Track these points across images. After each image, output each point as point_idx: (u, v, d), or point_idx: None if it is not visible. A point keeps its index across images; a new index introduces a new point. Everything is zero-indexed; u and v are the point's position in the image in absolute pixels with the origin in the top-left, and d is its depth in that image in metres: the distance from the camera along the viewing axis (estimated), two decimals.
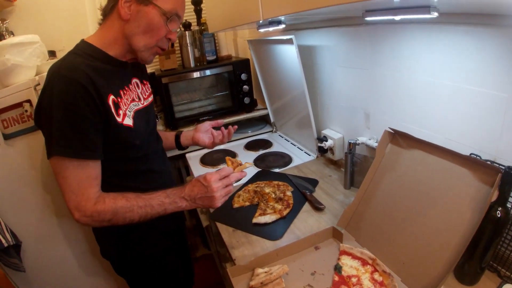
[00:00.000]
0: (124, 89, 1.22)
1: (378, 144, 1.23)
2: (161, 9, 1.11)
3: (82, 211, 1.06)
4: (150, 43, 1.16)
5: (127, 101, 1.21)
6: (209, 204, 1.16)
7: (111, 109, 1.10)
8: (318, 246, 1.21)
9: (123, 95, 1.19)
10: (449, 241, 0.94)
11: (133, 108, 1.23)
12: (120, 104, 1.15)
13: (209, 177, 1.14)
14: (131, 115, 1.20)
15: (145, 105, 1.32)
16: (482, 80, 1.00)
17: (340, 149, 1.75)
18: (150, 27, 1.13)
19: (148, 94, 1.39)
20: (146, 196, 1.13)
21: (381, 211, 1.16)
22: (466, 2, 0.75)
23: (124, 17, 1.11)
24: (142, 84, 1.37)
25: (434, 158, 1.06)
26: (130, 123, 1.18)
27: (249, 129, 2.57)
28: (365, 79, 1.49)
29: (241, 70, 2.35)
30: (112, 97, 1.12)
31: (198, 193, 1.14)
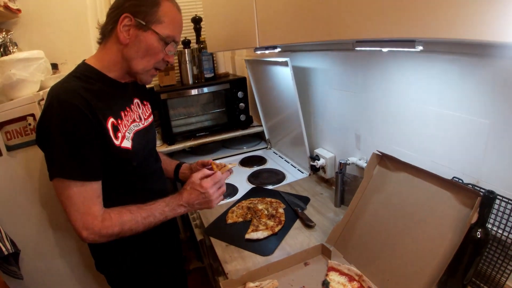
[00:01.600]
0: (125, 110, 1.26)
1: (366, 166, 1.29)
2: (159, 35, 1.15)
3: (90, 229, 1.08)
4: (148, 66, 1.20)
5: (128, 122, 1.24)
6: (207, 206, 1.27)
7: (109, 133, 1.13)
8: (307, 262, 1.25)
9: (124, 116, 1.23)
10: (431, 259, 0.98)
11: (133, 129, 1.26)
12: (119, 127, 1.18)
13: (205, 184, 1.23)
14: (130, 136, 1.23)
15: (145, 126, 1.36)
16: (466, 107, 1.06)
17: (331, 168, 1.81)
18: (148, 51, 1.17)
19: (148, 115, 1.43)
20: (147, 207, 1.18)
21: (368, 229, 1.21)
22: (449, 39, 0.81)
23: (123, 41, 1.14)
24: (142, 104, 1.41)
25: (419, 181, 1.12)
26: (129, 145, 1.21)
27: (244, 145, 2.63)
28: (356, 102, 1.56)
29: (238, 88, 2.41)
30: (111, 120, 1.15)
31: (196, 199, 1.23)
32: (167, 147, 2.34)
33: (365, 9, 0.78)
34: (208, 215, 1.65)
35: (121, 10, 1.14)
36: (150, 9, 1.14)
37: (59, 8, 2.38)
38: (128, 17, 1.12)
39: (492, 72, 0.97)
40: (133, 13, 1.12)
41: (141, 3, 1.13)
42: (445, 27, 0.61)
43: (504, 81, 0.94)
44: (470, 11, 0.56)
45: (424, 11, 0.64)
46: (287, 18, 1.11)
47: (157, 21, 1.15)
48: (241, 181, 2.02)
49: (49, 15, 2.38)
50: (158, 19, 1.15)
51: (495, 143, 1.00)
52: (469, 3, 0.56)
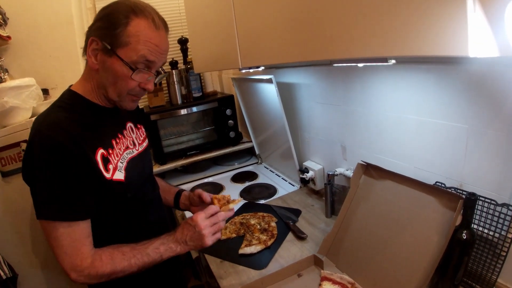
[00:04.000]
0: (117, 137, 1.17)
1: (352, 176, 1.32)
2: (123, 61, 1.01)
3: (79, 271, 1.00)
4: (121, 93, 1.08)
5: (120, 151, 1.15)
6: (200, 244, 1.12)
7: (99, 166, 1.04)
8: (300, 273, 1.28)
9: (115, 145, 1.14)
10: (420, 263, 1.02)
11: (127, 157, 1.18)
12: (110, 157, 1.09)
13: (195, 216, 1.13)
14: (123, 166, 1.14)
15: (140, 151, 1.27)
16: (444, 113, 1.11)
17: (321, 180, 1.85)
18: (117, 79, 1.05)
19: (143, 139, 1.34)
20: (141, 247, 1.08)
21: (357, 237, 1.25)
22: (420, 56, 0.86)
23: (92, 67, 1.05)
24: (136, 128, 1.32)
25: (403, 188, 1.16)
26: (121, 176, 1.12)
27: (236, 161, 2.65)
28: (340, 114, 1.60)
29: (226, 105, 2.45)
30: (101, 151, 1.06)
31: (188, 234, 1.12)
32: (159, 167, 2.36)
33: (338, 32, 0.83)
34: None
35: (90, 32, 1.04)
36: (114, 30, 1.00)
37: (48, 34, 2.41)
38: (95, 41, 1.02)
39: (465, 78, 1.02)
40: (100, 35, 1.02)
41: (107, 25, 1.01)
42: (410, 45, 0.66)
43: (477, 86, 0.99)
44: (431, 30, 0.61)
45: (390, 32, 0.69)
46: (266, 41, 1.16)
47: (122, 43, 1.00)
48: (233, 197, 2.01)
49: (38, 41, 2.40)
50: (124, 41, 1.00)
51: (474, 146, 1.05)
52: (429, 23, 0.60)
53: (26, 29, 2.36)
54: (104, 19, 1.02)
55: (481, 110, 1.00)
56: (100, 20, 1.03)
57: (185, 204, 1.49)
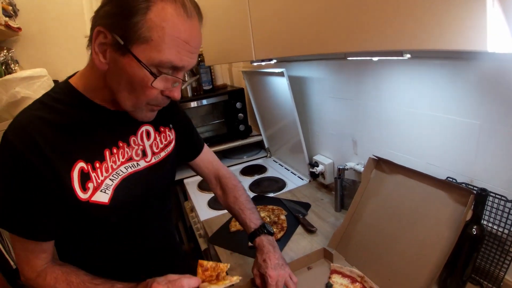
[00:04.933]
0: (116, 146, 0.93)
1: (363, 170, 1.33)
2: (142, 63, 0.75)
3: (26, 279, 0.91)
4: (138, 103, 0.84)
5: (114, 164, 0.91)
6: None
7: (72, 183, 0.83)
8: (310, 266, 1.29)
9: (108, 156, 0.90)
10: (430, 257, 1.02)
11: (123, 172, 0.93)
12: (93, 173, 0.87)
13: (154, 285, 0.82)
14: (112, 185, 0.90)
15: (151, 163, 1.01)
16: (456, 109, 1.11)
17: (330, 174, 1.85)
18: (133, 86, 0.79)
19: (163, 146, 1.06)
20: (91, 285, 0.87)
21: (368, 231, 1.25)
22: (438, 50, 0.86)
23: (100, 67, 0.79)
24: (157, 132, 1.05)
25: (414, 182, 1.16)
26: (105, 199, 0.88)
27: (245, 154, 2.67)
28: (351, 108, 1.60)
29: (236, 99, 2.46)
30: (80, 165, 0.84)
31: None
32: None
33: (353, 24, 0.83)
34: (212, 224, 1.68)
35: (96, 19, 0.78)
36: (129, 19, 0.72)
37: (59, 26, 2.44)
38: (102, 32, 0.76)
39: (479, 74, 1.02)
40: (109, 25, 0.75)
41: (118, 10, 0.74)
42: (427, 39, 0.65)
43: (491, 82, 0.99)
44: (449, 24, 0.60)
45: (408, 25, 0.69)
46: (281, 33, 1.16)
47: (141, 38, 0.73)
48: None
49: (49, 33, 2.44)
50: (143, 36, 0.73)
51: (486, 143, 1.04)
52: (448, 17, 0.60)
53: (36, 20, 2.39)
54: (115, 1, 0.75)
55: (494, 107, 1.00)
56: (110, 3, 0.76)
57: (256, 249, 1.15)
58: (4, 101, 1.74)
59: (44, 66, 2.01)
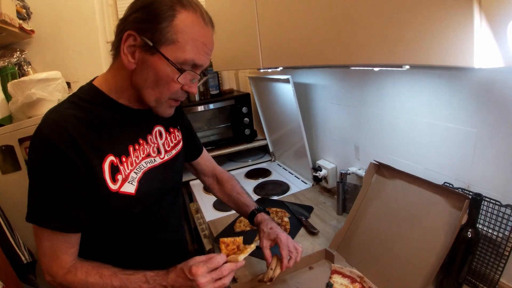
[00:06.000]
0: (137, 142, 1.02)
1: (364, 175, 1.37)
2: (170, 61, 0.87)
3: (53, 277, 0.92)
4: (162, 98, 0.94)
5: (138, 159, 1.01)
6: None
7: (104, 175, 0.92)
8: (312, 266, 1.33)
9: (132, 152, 1.00)
10: (427, 259, 1.06)
11: (145, 166, 1.03)
12: (121, 167, 0.96)
13: (195, 270, 0.89)
14: (137, 177, 1.00)
15: (165, 160, 1.11)
16: (454, 117, 1.15)
17: (333, 178, 1.89)
18: (159, 81, 0.90)
19: (173, 145, 1.17)
20: (123, 276, 0.92)
21: (368, 234, 1.30)
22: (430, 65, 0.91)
23: (128, 66, 0.90)
24: (167, 132, 1.16)
25: (413, 187, 1.20)
26: (132, 189, 0.97)
27: (249, 158, 2.70)
28: (354, 115, 1.65)
29: (242, 103, 2.50)
30: (111, 158, 0.93)
31: (182, 285, 0.91)
32: None
33: (355, 40, 0.89)
34: (217, 224, 1.72)
35: (125, 25, 0.89)
36: (158, 24, 0.85)
37: (71, 29, 2.49)
38: (132, 36, 0.87)
39: (473, 85, 1.07)
40: (138, 29, 0.86)
41: (148, 17, 0.86)
42: (420, 55, 0.71)
43: (485, 92, 1.04)
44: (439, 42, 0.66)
45: (403, 43, 0.75)
46: (287, 44, 1.21)
47: (168, 40, 0.86)
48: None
49: (61, 35, 2.48)
50: (170, 38, 0.86)
51: (482, 149, 1.09)
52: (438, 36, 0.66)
53: (49, 23, 2.44)
54: (144, 10, 0.86)
55: (489, 115, 1.04)
56: (139, 11, 0.87)
57: (258, 225, 1.25)
58: (20, 102, 1.80)
59: (56, 68, 2.06)
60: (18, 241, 1.76)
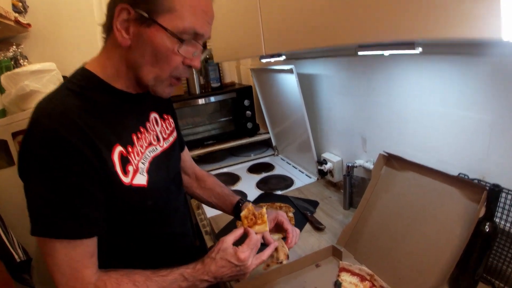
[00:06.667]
0: (139, 130, 0.95)
1: (373, 167, 1.31)
2: (168, 31, 0.79)
3: None
4: (162, 75, 0.86)
5: (142, 148, 0.94)
6: (240, 278, 0.99)
7: (116, 168, 0.83)
8: (318, 263, 1.27)
9: (136, 141, 0.92)
10: (442, 255, 1.00)
11: (150, 155, 0.96)
12: (130, 157, 0.88)
13: (243, 256, 0.89)
14: (145, 168, 0.92)
15: (165, 148, 1.04)
16: (468, 104, 1.09)
17: (339, 172, 1.83)
18: (158, 56, 0.83)
19: (169, 132, 1.10)
20: (158, 279, 0.86)
21: (377, 229, 1.23)
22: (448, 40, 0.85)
23: (122, 43, 0.82)
24: (162, 119, 1.08)
25: (426, 179, 1.14)
26: (144, 181, 0.90)
27: (252, 152, 2.65)
28: (361, 105, 1.59)
29: (244, 96, 2.44)
30: (119, 148, 0.85)
31: (228, 273, 0.91)
32: None
33: (366, 14, 0.82)
34: (218, 220, 1.67)
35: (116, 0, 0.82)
36: None
37: (68, 23, 2.44)
38: (125, 9, 0.80)
39: (491, 70, 1.00)
40: (131, 2, 0.79)
41: None
42: (440, 28, 0.64)
43: (503, 78, 0.97)
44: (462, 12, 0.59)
45: (420, 14, 0.68)
46: (291, 27, 1.15)
47: (165, 9, 0.79)
48: (250, 188, 2.05)
49: (58, 30, 2.43)
50: (167, 6, 0.79)
51: (498, 138, 1.03)
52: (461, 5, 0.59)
53: (46, 17, 2.39)
54: None
55: (506, 103, 0.98)
56: None
57: None
58: (13, 94, 1.74)
59: (52, 61, 2.01)
60: (11, 239, 1.71)
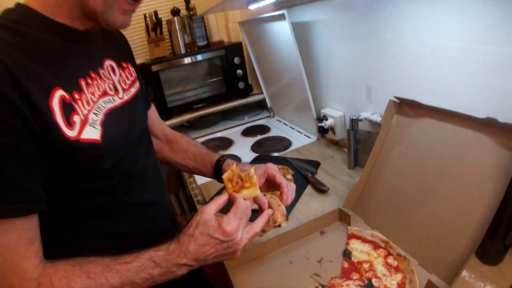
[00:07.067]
0: (89, 75, 0.76)
1: (383, 116, 1.12)
2: None
3: None
4: None
5: (94, 96, 0.75)
6: (229, 258, 0.79)
7: (55, 117, 0.64)
8: (323, 230, 1.11)
9: (86, 87, 0.73)
10: (471, 216, 0.84)
11: (104, 107, 0.77)
12: (76, 105, 0.69)
13: (230, 229, 0.71)
14: (99, 120, 0.73)
15: (125, 100, 0.85)
16: (492, 37, 0.90)
17: (341, 128, 1.66)
18: None
19: (130, 83, 0.91)
20: (120, 267, 0.68)
21: (391, 188, 1.06)
22: None
23: None
24: (120, 68, 0.90)
25: (447, 126, 0.95)
26: (96, 135, 0.71)
27: (246, 115, 2.47)
28: (364, 50, 1.39)
29: (234, 54, 2.24)
30: (60, 93, 0.66)
31: (213, 253, 0.72)
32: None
33: None
34: (209, 187, 1.52)
35: None
36: None
37: None
38: None
39: None
40: None
41: None
42: None
43: None
44: None
45: None
46: None
47: None
48: (244, 151, 1.90)
49: None
50: None
51: None
52: None
53: None
54: None
55: None
56: None
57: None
58: None
59: None
60: None
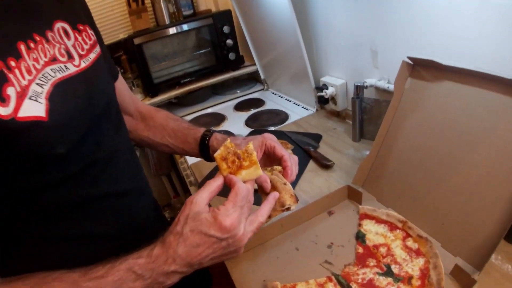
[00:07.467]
0: (32, 39, 0.59)
1: (395, 81, 0.99)
2: None
3: None
4: None
5: (38, 63, 0.58)
6: (231, 258, 0.65)
7: None
8: (331, 210, 1.00)
9: (26, 52, 0.56)
10: (501, 191, 0.72)
11: (53, 76, 0.59)
12: (11, 74, 0.52)
13: (230, 222, 0.57)
14: (44, 91, 0.56)
15: (82, 68, 0.68)
16: None
17: (343, 98, 1.52)
18: None
19: (89, 48, 0.74)
20: (92, 284, 0.54)
21: (407, 161, 0.94)
22: None
23: None
24: (76, 31, 0.72)
25: (470, 89, 0.83)
26: (40, 111, 0.54)
27: (238, 89, 2.32)
28: (368, 9, 1.25)
29: (223, 22, 2.07)
30: None
31: (209, 254, 0.59)
32: (150, 100, 2.04)
33: None
34: (201, 167, 1.40)
35: None
36: None
37: None
38: None
39: None
40: None
41: None
42: None
43: None
44: None
45: None
46: None
47: None
48: (238, 126, 1.77)
49: None
50: None
51: None
52: None
53: None
54: None
55: None
56: None
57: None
58: None
59: None
60: None
